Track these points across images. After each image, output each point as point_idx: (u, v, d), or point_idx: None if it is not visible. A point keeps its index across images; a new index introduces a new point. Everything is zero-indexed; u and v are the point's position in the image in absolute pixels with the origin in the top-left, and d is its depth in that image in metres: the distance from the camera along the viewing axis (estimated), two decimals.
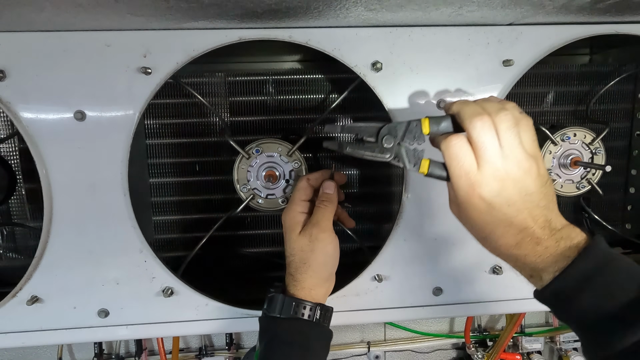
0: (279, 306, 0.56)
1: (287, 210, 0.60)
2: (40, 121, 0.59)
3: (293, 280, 0.58)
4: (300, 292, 0.57)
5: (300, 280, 0.57)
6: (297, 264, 0.58)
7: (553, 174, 0.73)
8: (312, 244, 0.57)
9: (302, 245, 0.57)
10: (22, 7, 0.49)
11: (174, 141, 0.77)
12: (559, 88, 0.82)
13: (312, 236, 0.57)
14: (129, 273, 0.64)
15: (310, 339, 0.56)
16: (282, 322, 0.56)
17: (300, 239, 0.58)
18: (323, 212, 0.59)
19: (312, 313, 0.56)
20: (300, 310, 0.56)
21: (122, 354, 1.17)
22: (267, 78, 0.78)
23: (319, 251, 0.57)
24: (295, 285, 0.58)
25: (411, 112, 0.64)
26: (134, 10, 0.51)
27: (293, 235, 0.58)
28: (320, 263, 0.57)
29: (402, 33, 0.62)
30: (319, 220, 0.58)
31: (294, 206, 0.60)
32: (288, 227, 0.59)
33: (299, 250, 0.58)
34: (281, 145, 0.67)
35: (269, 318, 0.57)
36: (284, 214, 0.60)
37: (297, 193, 0.60)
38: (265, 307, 0.58)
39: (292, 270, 0.58)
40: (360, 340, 1.26)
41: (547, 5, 0.55)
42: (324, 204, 0.59)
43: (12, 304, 0.63)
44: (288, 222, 0.59)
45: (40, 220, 0.62)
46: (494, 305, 0.71)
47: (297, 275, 0.58)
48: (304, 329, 0.56)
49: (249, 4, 0.51)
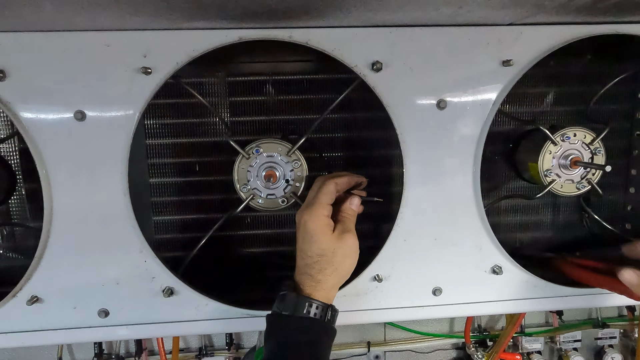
0: (292, 305, 0.56)
1: (311, 211, 0.59)
2: (40, 121, 0.59)
3: (312, 281, 0.58)
4: (319, 293, 0.58)
5: (322, 281, 0.58)
6: (322, 265, 0.58)
7: (553, 174, 0.73)
8: (344, 248, 0.58)
9: (334, 247, 0.58)
10: (22, 7, 0.49)
11: (174, 141, 0.77)
12: (559, 88, 0.82)
13: (346, 241, 0.59)
14: (129, 273, 0.64)
15: (321, 338, 0.57)
16: (294, 320, 0.56)
17: (332, 241, 0.58)
18: (351, 220, 0.62)
19: (324, 313, 0.57)
20: (312, 310, 0.57)
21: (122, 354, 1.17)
22: (267, 78, 0.78)
23: (348, 256, 0.59)
24: (314, 286, 0.58)
25: (411, 112, 0.64)
26: (134, 10, 0.51)
27: (324, 237, 0.58)
28: (347, 266, 0.60)
29: (402, 33, 0.62)
30: (350, 226, 0.60)
31: (321, 209, 0.59)
32: (315, 229, 0.58)
33: (330, 252, 0.58)
34: (281, 145, 0.67)
35: (280, 316, 0.57)
36: (307, 215, 0.59)
37: (324, 196, 0.60)
38: (276, 305, 0.58)
39: (314, 272, 0.58)
40: (360, 340, 1.25)
41: (547, 5, 0.55)
42: (350, 216, 0.62)
43: (12, 304, 0.63)
44: (314, 224, 0.58)
45: (40, 220, 0.62)
46: (494, 305, 0.71)
47: (319, 276, 0.58)
48: (315, 328, 0.57)
49: (249, 4, 0.51)
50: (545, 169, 0.72)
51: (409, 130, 0.64)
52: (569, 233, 0.88)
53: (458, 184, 0.66)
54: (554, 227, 0.88)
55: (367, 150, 0.82)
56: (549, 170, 0.72)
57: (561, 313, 1.27)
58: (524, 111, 0.82)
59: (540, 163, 0.72)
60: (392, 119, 0.63)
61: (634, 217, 0.85)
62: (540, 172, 0.72)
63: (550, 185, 0.72)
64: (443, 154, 0.66)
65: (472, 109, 0.65)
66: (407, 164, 0.65)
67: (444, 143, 0.65)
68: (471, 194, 0.67)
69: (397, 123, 0.64)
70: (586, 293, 0.71)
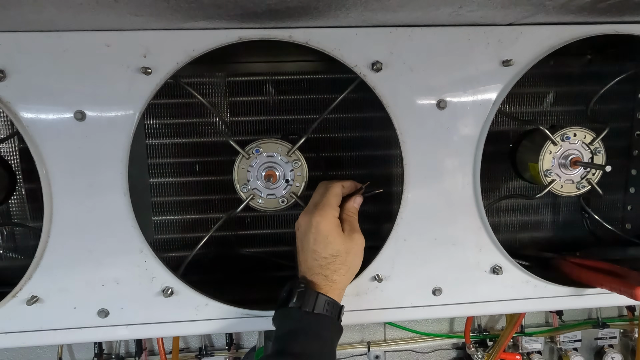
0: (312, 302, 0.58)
1: (323, 212, 0.60)
2: (40, 121, 0.59)
3: (327, 281, 0.59)
4: (334, 292, 0.60)
5: (337, 281, 0.60)
6: (337, 266, 0.59)
7: (553, 174, 0.73)
8: (355, 248, 0.61)
9: (347, 247, 0.60)
10: (22, 7, 0.49)
11: (174, 141, 0.77)
12: (559, 88, 0.82)
13: (356, 241, 0.61)
14: (129, 273, 0.64)
15: (333, 335, 0.59)
16: (311, 316, 0.57)
17: (346, 242, 0.60)
18: (355, 219, 0.64)
19: (338, 313, 0.60)
20: (330, 309, 0.58)
21: (122, 354, 1.17)
22: (267, 78, 0.78)
23: (358, 255, 0.62)
24: (330, 286, 0.59)
25: (411, 112, 0.64)
26: (134, 10, 0.51)
27: (338, 238, 0.60)
28: (356, 265, 0.63)
29: (402, 33, 0.62)
30: (356, 226, 0.63)
31: (332, 211, 0.61)
32: (329, 230, 0.59)
33: (344, 252, 0.60)
34: (281, 145, 0.67)
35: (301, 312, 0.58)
36: (320, 217, 0.60)
37: (334, 198, 0.62)
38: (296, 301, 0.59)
39: (329, 272, 0.59)
40: (360, 340, 1.25)
41: (547, 5, 0.55)
42: (354, 215, 0.64)
43: (12, 304, 0.63)
44: (328, 225, 0.59)
45: (40, 220, 0.62)
46: (494, 305, 0.71)
47: (334, 276, 0.60)
48: (333, 327, 0.59)
49: (249, 4, 0.51)
50: (545, 169, 0.72)
51: (409, 130, 0.64)
52: (569, 233, 0.88)
53: (458, 184, 0.66)
54: (554, 227, 0.88)
55: (367, 150, 0.82)
56: (549, 170, 0.72)
57: (561, 313, 1.27)
58: (524, 111, 0.82)
59: (540, 163, 0.72)
60: (392, 119, 0.63)
61: (634, 217, 0.85)
62: (540, 172, 0.72)
63: (550, 185, 0.72)
64: (443, 154, 0.66)
65: (472, 109, 0.65)
66: (407, 164, 0.65)
67: (444, 143, 0.65)
68: (471, 194, 0.67)
69: (397, 123, 0.64)
70: (586, 293, 0.71)
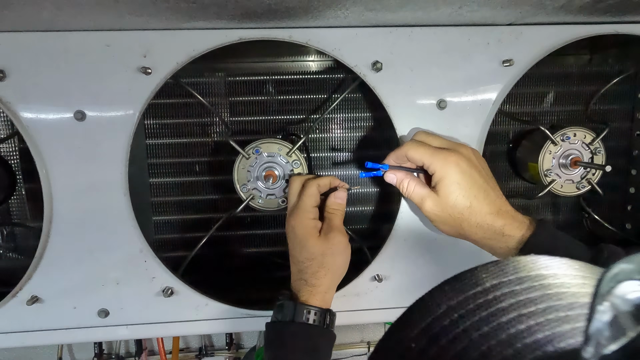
0: (290, 313, 0.56)
1: (297, 216, 0.59)
2: (40, 121, 0.59)
3: (307, 286, 0.58)
4: (315, 297, 0.57)
5: (317, 285, 0.58)
6: (314, 269, 0.57)
7: (553, 173, 0.73)
8: (332, 248, 0.58)
9: (323, 249, 0.58)
10: (22, 7, 0.49)
11: (174, 141, 0.77)
12: (559, 88, 0.82)
13: (332, 240, 0.58)
14: (129, 273, 0.64)
15: (320, 344, 0.57)
16: (292, 328, 0.56)
17: (320, 244, 0.58)
18: (338, 217, 0.61)
19: (322, 319, 0.57)
20: (311, 317, 0.56)
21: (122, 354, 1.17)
22: (267, 78, 0.78)
23: (338, 254, 0.59)
24: (310, 291, 0.58)
25: (411, 112, 0.64)
26: (134, 10, 0.51)
27: (312, 240, 0.58)
28: (339, 266, 0.59)
29: (402, 33, 0.62)
30: (336, 224, 0.60)
31: (306, 213, 0.59)
32: (303, 234, 0.58)
33: (319, 254, 0.57)
34: (281, 145, 0.67)
35: (278, 324, 0.57)
36: (294, 220, 0.58)
37: (308, 199, 0.59)
38: (274, 314, 0.58)
39: (307, 276, 0.58)
40: (360, 340, 1.26)
41: (547, 5, 0.55)
42: (337, 211, 0.61)
43: (12, 304, 0.63)
44: (302, 229, 0.58)
45: (40, 220, 0.62)
46: None
47: (313, 280, 0.58)
48: (314, 335, 0.56)
49: (249, 4, 0.51)
50: (545, 169, 0.72)
51: (409, 130, 0.64)
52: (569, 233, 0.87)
53: None
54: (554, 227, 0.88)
55: (367, 150, 0.81)
56: (549, 170, 0.72)
57: None
58: (524, 111, 0.82)
59: (540, 163, 0.72)
60: (392, 119, 0.63)
61: (634, 217, 0.85)
62: (540, 172, 0.72)
63: (550, 185, 0.72)
64: None
65: (472, 109, 0.65)
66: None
67: None
68: None
69: (397, 123, 0.64)
70: None
